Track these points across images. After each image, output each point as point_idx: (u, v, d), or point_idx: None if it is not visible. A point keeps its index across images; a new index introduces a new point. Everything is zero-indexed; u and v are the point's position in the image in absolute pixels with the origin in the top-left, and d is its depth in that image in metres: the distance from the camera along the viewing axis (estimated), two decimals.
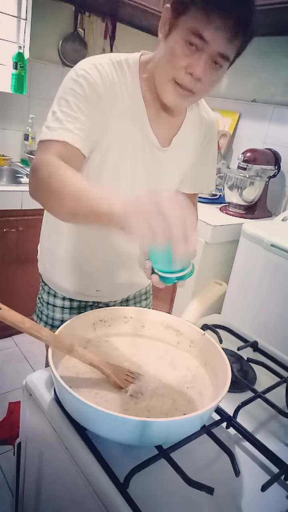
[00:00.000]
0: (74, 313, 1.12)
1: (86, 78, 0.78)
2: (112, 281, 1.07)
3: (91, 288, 1.07)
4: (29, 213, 1.96)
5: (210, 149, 1.04)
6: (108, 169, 0.89)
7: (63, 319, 1.11)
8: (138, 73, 0.85)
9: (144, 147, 0.89)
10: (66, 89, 0.79)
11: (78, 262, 1.04)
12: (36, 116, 2.31)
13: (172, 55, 0.75)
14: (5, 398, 1.80)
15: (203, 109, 0.99)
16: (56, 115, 0.77)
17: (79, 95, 0.78)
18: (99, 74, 0.79)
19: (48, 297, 1.11)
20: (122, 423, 0.56)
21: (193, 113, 0.96)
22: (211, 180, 1.10)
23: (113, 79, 0.81)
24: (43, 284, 1.13)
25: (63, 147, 0.75)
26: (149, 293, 1.24)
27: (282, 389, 0.82)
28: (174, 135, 0.94)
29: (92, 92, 0.79)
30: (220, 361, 0.72)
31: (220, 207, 2.16)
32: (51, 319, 1.12)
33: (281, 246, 1.62)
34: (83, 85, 0.78)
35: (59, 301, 1.10)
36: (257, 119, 2.28)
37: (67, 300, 1.10)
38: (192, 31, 0.71)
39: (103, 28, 2.45)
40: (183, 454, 0.63)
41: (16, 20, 2.22)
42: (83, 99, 0.78)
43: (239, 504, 0.59)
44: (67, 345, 0.68)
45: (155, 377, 0.74)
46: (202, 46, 0.72)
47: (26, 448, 0.81)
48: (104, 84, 0.80)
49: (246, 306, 1.79)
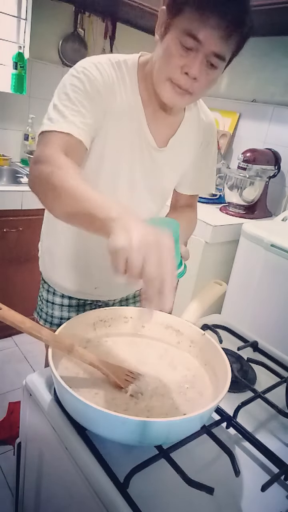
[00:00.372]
0: (72, 311, 1.12)
1: (86, 75, 0.79)
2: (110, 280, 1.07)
3: (89, 286, 1.08)
4: (29, 213, 1.96)
5: (209, 151, 1.04)
6: (106, 168, 0.89)
7: (62, 316, 1.12)
8: (137, 74, 0.86)
9: (141, 147, 0.90)
10: (66, 84, 0.79)
11: (76, 261, 1.05)
12: (36, 116, 2.31)
13: (168, 55, 0.75)
14: (5, 398, 1.80)
15: (201, 110, 0.99)
16: (57, 107, 0.77)
17: (80, 90, 0.78)
18: (99, 72, 0.80)
19: (48, 295, 1.13)
20: (122, 423, 0.56)
21: (191, 115, 0.96)
22: (210, 182, 1.10)
23: (111, 78, 0.82)
24: (43, 282, 1.14)
25: (67, 139, 0.75)
26: None
27: (282, 389, 0.82)
28: (172, 135, 0.94)
29: (93, 88, 0.79)
30: (220, 361, 0.72)
31: (220, 207, 2.16)
32: (50, 317, 1.13)
33: (281, 246, 1.62)
34: (84, 81, 0.79)
35: (58, 299, 1.11)
36: (257, 119, 2.28)
37: (66, 298, 1.11)
38: (186, 32, 0.71)
39: (103, 28, 2.45)
40: (183, 454, 0.63)
41: (16, 20, 2.22)
42: (84, 94, 0.78)
43: (239, 504, 0.59)
44: (67, 345, 0.68)
45: (155, 377, 0.74)
46: (196, 47, 0.72)
47: (26, 448, 0.81)
48: (104, 82, 0.80)
49: (246, 306, 1.79)
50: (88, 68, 0.80)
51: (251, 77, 2.30)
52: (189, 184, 1.08)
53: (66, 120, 0.75)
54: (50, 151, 0.72)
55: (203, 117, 0.99)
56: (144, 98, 0.86)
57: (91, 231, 0.62)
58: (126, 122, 0.86)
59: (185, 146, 0.98)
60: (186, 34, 0.71)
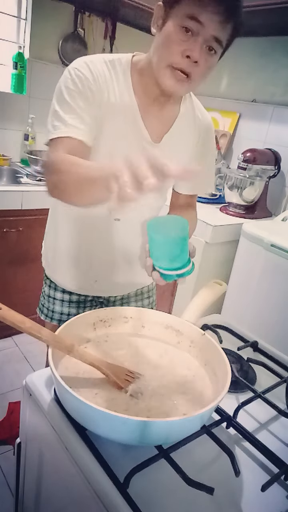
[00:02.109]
0: (73, 307, 1.14)
1: (78, 75, 0.84)
2: (110, 276, 1.08)
3: (89, 280, 1.09)
4: (29, 213, 1.96)
5: (207, 150, 1.05)
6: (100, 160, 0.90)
7: (62, 312, 1.14)
8: (130, 70, 0.89)
9: (137, 141, 0.92)
10: (62, 87, 0.84)
11: (77, 255, 1.06)
12: (36, 116, 2.31)
13: (169, 42, 0.78)
14: (5, 398, 1.80)
15: (197, 109, 1.00)
16: (58, 114, 0.83)
17: (75, 92, 0.83)
18: (89, 70, 0.84)
19: (49, 290, 1.14)
20: (122, 423, 0.56)
21: (186, 111, 0.97)
22: (209, 182, 1.11)
23: (104, 75, 0.86)
24: (45, 277, 1.16)
25: (69, 141, 0.81)
26: (152, 291, 1.24)
27: (282, 389, 0.82)
28: (166, 132, 0.95)
29: (85, 86, 0.84)
30: (220, 361, 0.72)
31: (220, 207, 2.16)
32: (51, 312, 1.15)
33: (281, 246, 1.62)
34: (76, 81, 0.83)
35: (59, 294, 1.13)
36: (257, 119, 2.28)
37: (67, 293, 1.12)
38: (188, 16, 0.75)
39: (103, 28, 2.44)
40: (183, 454, 0.63)
41: (16, 20, 2.22)
42: (78, 95, 0.83)
43: (239, 504, 0.59)
44: (67, 345, 0.68)
45: (155, 377, 0.74)
46: (198, 30, 0.76)
47: (26, 448, 0.81)
48: (95, 80, 0.85)
49: (246, 306, 1.79)
50: (79, 67, 0.84)
51: (251, 77, 2.30)
52: (187, 184, 1.09)
53: (66, 124, 0.81)
54: (55, 154, 0.79)
55: (199, 115, 1.00)
56: (138, 94, 0.89)
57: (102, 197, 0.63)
58: (120, 117, 0.88)
59: (180, 142, 0.99)
60: (188, 17, 0.75)
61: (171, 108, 0.94)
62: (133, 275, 1.10)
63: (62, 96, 0.84)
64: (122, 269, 1.08)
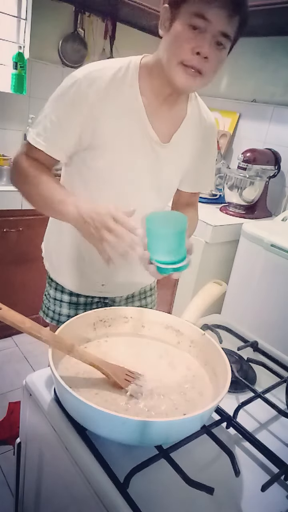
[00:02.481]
0: (80, 308, 1.14)
1: (77, 88, 0.84)
2: (116, 277, 1.08)
3: (96, 283, 1.09)
4: (29, 213, 1.96)
5: (210, 150, 1.08)
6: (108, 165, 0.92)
7: (69, 314, 1.13)
8: (138, 73, 0.89)
9: (144, 142, 0.92)
10: (58, 95, 0.87)
11: (82, 259, 1.06)
12: (36, 116, 2.31)
13: (178, 40, 0.80)
14: (5, 398, 1.80)
15: (203, 110, 1.02)
16: (45, 119, 0.88)
17: (66, 105, 0.86)
18: (91, 82, 0.85)
19: (56, 293, 1.14)
20: (122, 423, 0.56)
21: (193, 112, 0.99)
22: (210, 180, 1.14)
23: (107, 83, 0.86)
24: (50, 280, 1.15)
25: (45, 155, 0.89)
26: (154, 289, 1.26)
27: (282, 389, 0.82)
28: (174, 132, 0.96)
29: (81, 101, 0.85)
30: (220, 361, 0.72)
31: (220, 207, 2.16)
32: (57, 315, 1.14)
33: (281, 246, 1.62)
34: (72, 95, 0.85)
35: (66, 297, 1.13)
36: (257, 119, 2.28)
37: (74, 295, 1.12)
38: (195, 14, 0.77)
39: (103, 28, 2.44)
40: (183, 454, 0.63)
41: (16, 20, 2.21)
42: (71, 109, 0.86)
43: (239, 504, 0.59)
44: (67, 345, 0.68)
45: (155, 377, 0.74)
46: (205, 26, 0.77)
47: (26, 448, 0.81)
48: (97, 92, 0.85)
49: (246, 306, 1.79)
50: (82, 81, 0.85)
51: (251, 77, 2.30)
52: (190, 182, 1.10)
53: (47, 139, 0.88)
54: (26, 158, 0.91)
55: (205, 116, 1.02)
56: (146, 96, 0.89)
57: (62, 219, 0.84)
58: (125, 120, 0.89)
59: (187, 142, 1.00)
60: (195, 15, 0.77)
61: (179, 108, 0.96)
62: (138, 274, 1.10)
63: (56, 103, 0.87)
64: (127, 269, 1.08)
